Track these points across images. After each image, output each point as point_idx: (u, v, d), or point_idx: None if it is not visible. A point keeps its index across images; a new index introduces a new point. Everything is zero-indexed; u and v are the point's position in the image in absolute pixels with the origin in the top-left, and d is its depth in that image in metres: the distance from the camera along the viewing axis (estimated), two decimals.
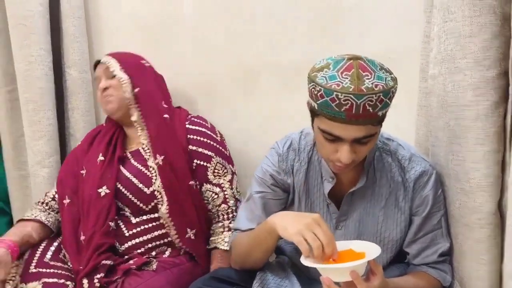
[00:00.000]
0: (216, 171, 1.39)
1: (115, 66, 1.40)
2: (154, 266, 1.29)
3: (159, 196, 1.32)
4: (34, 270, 1.26)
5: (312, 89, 0.91)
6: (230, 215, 1.39)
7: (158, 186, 1.32)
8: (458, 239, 1.05)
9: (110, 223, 1.32)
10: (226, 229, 1.37)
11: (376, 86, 0.86)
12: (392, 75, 0.92)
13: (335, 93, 0.86)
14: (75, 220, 1.36)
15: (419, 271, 1.09)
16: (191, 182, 1.35)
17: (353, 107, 0.86)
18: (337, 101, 0.87)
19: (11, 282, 1.26)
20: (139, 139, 1.38)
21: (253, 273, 1.10)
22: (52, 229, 1.40)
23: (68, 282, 1.26)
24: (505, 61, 0.91)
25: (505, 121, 0.94)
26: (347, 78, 0.87)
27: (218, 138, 1.45)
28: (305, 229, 0.90)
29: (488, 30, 0.90)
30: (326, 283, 0.88)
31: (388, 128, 1.09)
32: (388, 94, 0.89)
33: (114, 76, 1.39)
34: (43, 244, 1.35)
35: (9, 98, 1.72)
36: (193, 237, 1.34)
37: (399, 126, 1.25)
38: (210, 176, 1.39)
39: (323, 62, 0.93)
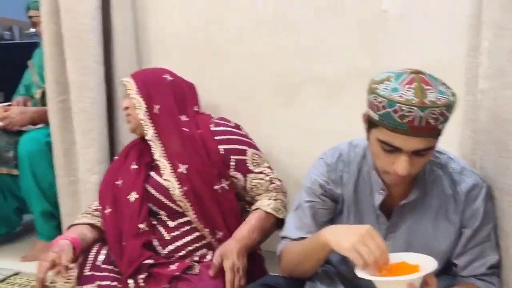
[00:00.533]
0: (254, 161, 1.47)
1: (132, 88, 1.47)
2: (197, 270, 1.34)
3: (182, 205, 1.39)
4: (88, 273, 1.33)
5: (373, 100, 0.94)
6: (279, 190, 1.47)
7: (178, 196, 1.38)
8: (509, 252, 1.06)
9: (140, 225, 1.38)
10: (273, 198, 1.44)
11: (438, 99, 0.90)
12: (452, 91, 0.94)
13: (398, 104, 0.89)
14: (117, 227, 1.42)
15: (467, 282, 1.10)
16: (216, 187, 1.40)
17: (415, 119, 0.89)
18: (400, 113, 0.89)
19: (67, 284, 1.33)
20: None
21: (301, 281, 1.13)
22: (102, 229, 1.47)
23: (120, 285, 1.32)
24: None
25: None
26: (410, 91, 0.90)
27: (244, 133, 1.52)
28: (359, 243, 0.92)
29: None
30: None
31: None
32: (450, 108, 0.92)
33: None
34: (95, 249, 1.42)
35: (61, 108, 1.81)
36: (223, 239, 1.39)
37: (443, 138, 1.27)
38: (251, 167, 1.46)
39: (383, 75, 0.96)
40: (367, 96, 0.97)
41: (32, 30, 4.31)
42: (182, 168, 1.40)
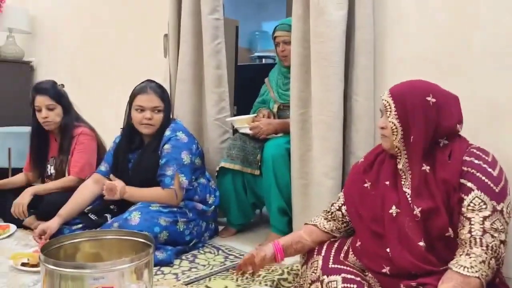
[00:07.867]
0: (471, 205, 1.30)
1: (390, 110, 1.39)
2: None
3: None
4: (333, 266, 1.44)
5: None
6: (473, 244, 1.26)
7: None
8: None
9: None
10: (465, 253, 1.26)
11: None
12: None
13: None
14: (372, 231, 1.45)
15: None
16: (448, 234, 1.32)
17: None
18: None
19: (313, 274, 1.47)
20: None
21: None
22: (330, 233, 1.57)
23: (364, 282, 1.38)
24: None
25: None
26: None
27: (495, 174, 1.33)
28: None
29: None
30: None
31: None
32: None
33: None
34: (336, 245, 1.54)
35: (301, 119, 2.08)
36: None
37: None
38: (463, 209, 1.31)
39: None
40: None
41: (256, 54, 5.01)
42: (416, 211, 1.35)
